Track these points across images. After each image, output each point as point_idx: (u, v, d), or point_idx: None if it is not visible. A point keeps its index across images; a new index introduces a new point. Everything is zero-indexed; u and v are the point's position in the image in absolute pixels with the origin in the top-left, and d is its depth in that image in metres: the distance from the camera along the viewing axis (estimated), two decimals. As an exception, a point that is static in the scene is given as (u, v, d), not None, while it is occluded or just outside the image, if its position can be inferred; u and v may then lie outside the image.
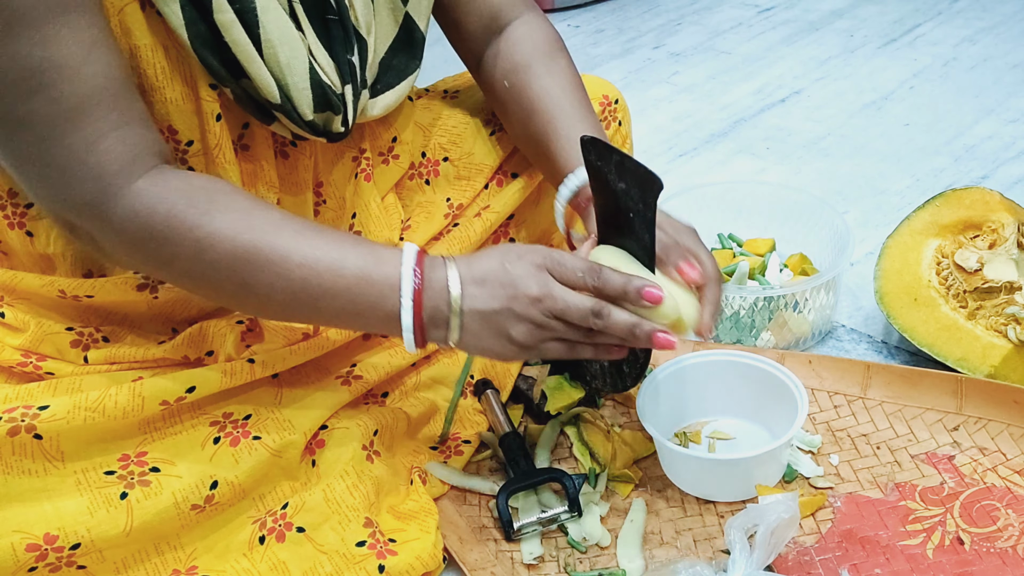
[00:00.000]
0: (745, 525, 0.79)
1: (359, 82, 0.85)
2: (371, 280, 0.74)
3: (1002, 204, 1.13)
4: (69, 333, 0.85)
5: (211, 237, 0.72)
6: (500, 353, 0.77)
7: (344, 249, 0.75)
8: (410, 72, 0.92)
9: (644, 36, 2.12)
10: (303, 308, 0.77)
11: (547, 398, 1.01)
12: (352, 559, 0.80)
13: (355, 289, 0.75)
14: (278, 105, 0.79)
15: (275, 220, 0.75)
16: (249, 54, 0.75)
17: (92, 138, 0.70)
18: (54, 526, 0.74)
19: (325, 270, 0.74)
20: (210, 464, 0.81)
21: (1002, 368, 1.00)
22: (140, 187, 0.72)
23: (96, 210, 0.72)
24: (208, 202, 0.73)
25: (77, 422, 0.77)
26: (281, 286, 0.74)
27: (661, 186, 0.78)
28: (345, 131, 0.84)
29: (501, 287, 0.74)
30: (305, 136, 0.83)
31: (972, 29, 1.97)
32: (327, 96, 0.80)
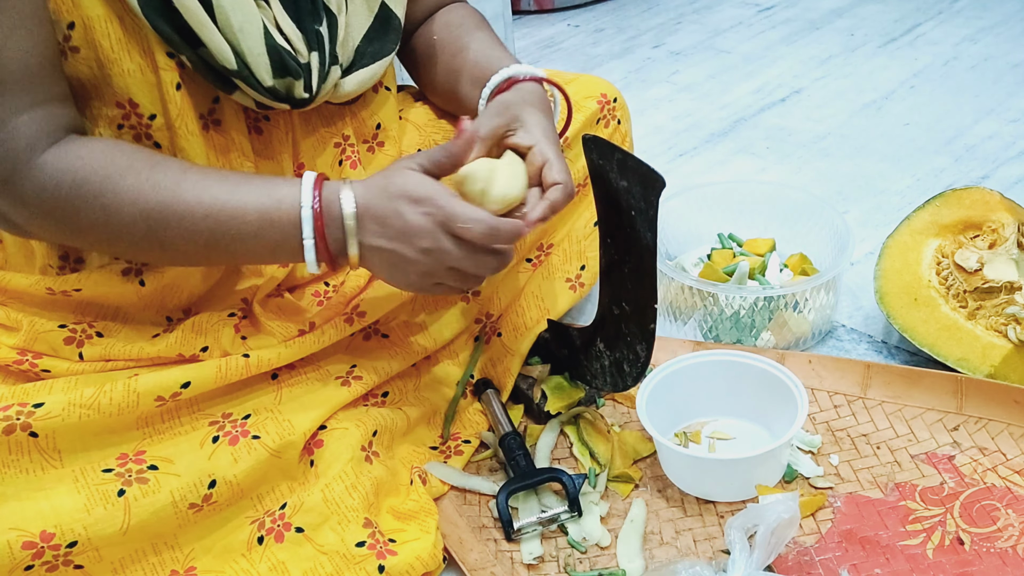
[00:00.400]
0: (745, 525, 0.79)
1: (328, 55, 0.85)
2: (273, 221, 0.78)
3: (1002, 204, 1.13)
4: (62, 331, 0.85)
5: (117, 202, 0.75)
6: (398, 285, 0.82)
7: (245, 193, 0.78)
8: (385, 54, 0.93)
9: (644, 35, 2.11)
10: (218, 255, 0.81)
11: (547, 398, 1.01)
12: (352, 559, 0.80)
13: (261, 232, 0.79)
14: (235, 71, 0.79)
15: (175, 174, 0.78)
16: (201, 19, 0.76)
17: (1, 117, 0.72)
18: (51, 524, 0.74)
19: (228, 218, 0.78)
20: (208, 463, 0.81)
21: (1002, 368, 1.00)
22: (46, 160, 0.74)
23: (4, 186, 0.74)
24: (109, 166, 0.75)
25: (72, 419, 0.77)
26: (193, 239, 0.78)
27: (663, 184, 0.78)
28: (309, 97, 0.85)
29: (396, 233, 0.78)
30: (268, 104, 0.84)
31: (973, 28, 1.97)
32: (284, 60, 0.81)
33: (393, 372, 0.96)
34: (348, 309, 0.93)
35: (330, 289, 0.97)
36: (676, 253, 1.23)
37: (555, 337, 1.04)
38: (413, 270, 0.80)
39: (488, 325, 1.06)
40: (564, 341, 1.03)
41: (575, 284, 1.08)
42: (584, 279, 1.09)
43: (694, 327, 1.12)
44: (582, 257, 1.09)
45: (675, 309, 1.13)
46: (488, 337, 1.06)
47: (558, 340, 1.04)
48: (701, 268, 1.16)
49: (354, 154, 0.96)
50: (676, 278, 1.08)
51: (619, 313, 0.92)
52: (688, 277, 1.08)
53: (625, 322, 0.91)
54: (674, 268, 1.12)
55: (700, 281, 1.08)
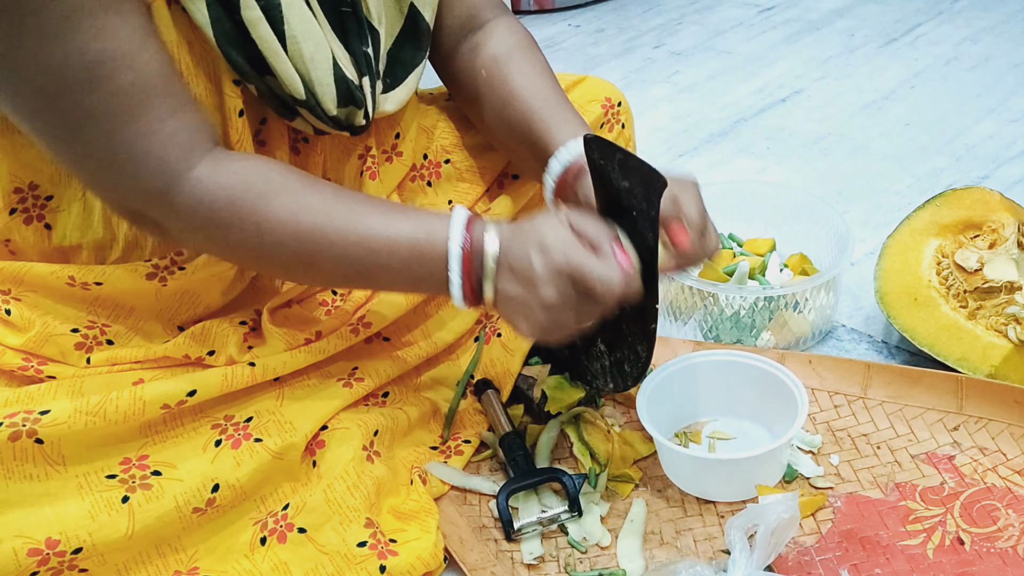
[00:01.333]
0: (745, 525, 0.79)
1: (374, 73, 0.85)
2: (423, 255, 0.77)
3: (1002, 204, 1.13)
4: (74, 335, 0.85)
5: (270, 221, 0.75)
6: (524, 334, 0.80)
7: (397, 224, 0.78)
8: (417, 63, 0.92)
9: (644, 35, 2.12)
10: (363, 280, 0.82)
11: (547, 398, 1.01)
12: (353, 559, 0.80)
13: (410, 263, 0.78)
14: (303, 101, 0.79)
15: (329, 198, 0.77)
16: (275, 50, 0.76)
17: (154, 126, 0.71)
18: (56, 530, 0.74)
19: (381, 248, 0.77)
20: (211, 467, 0.81)
21: (1002, 368, 1.00)
22: (201, 174, 0.73)
23: (162, 198, 0.73)
24: (264, 184, 0.75)
25: (78, 426, 0.77)
26: (342, 264, 0.78)
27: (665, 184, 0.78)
28: (367, 124, 0.85)
29: (524, 280, 0.76)
30: (326, 131, 0.84)
31: (973, 29, 1.97)
32: (350, 90, 0.81)
33: (394, 374, 0.96)
34: (354, 320, 0.94)
35: (337, 298, 0.97)
36: None
37: (555, 337, 1.04)
38: (538, 319, 0.77)
39: (488, 325, 1.06)
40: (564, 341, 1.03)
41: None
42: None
43: (694, 327, 1.12)
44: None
45: (675, 309, 1.13)
46: (488, 337, 1.06)
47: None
48: (701, 268, 1.16)
49: (374, 164, 0.96)
50: (676, 278, 1.08)
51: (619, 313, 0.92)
52: (688, 277, 1.09)
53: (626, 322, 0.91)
54: None
55: (700, 281, 1.08)
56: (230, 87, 0.78)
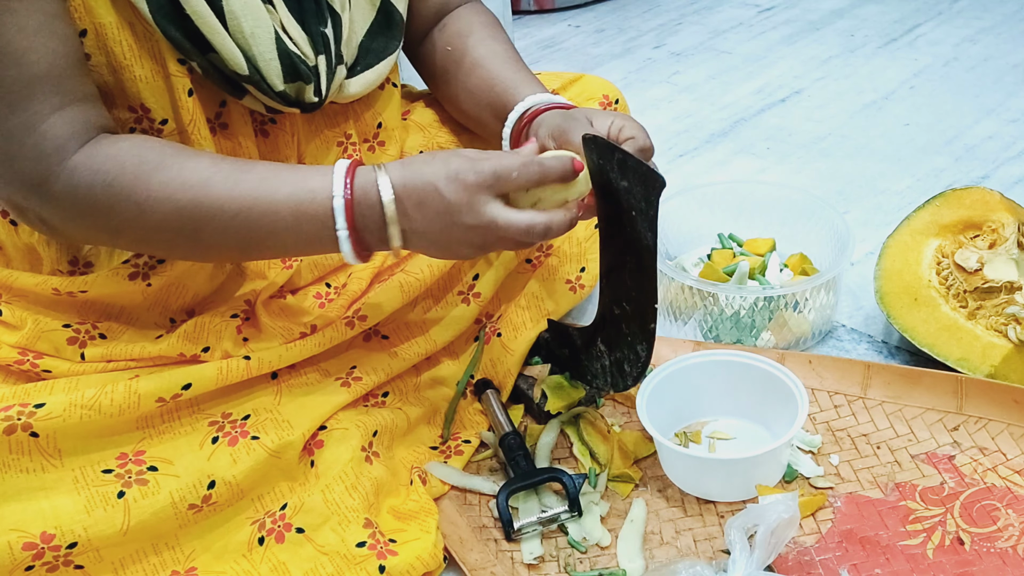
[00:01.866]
0: (745, 525, 0.79)
1: (334, 56, 0.85)
2: (307, 214, 0.76)
3: (1002, 204, 1.13)
4: (66, 330, 0.85)
5: (149, 201, 0.74)
6: (448, 259, 0.80)
7: (276, 187, 0.76)
8: (389, 52, 0.92)
9: (644, 36, 2.11)
10: (254, 249, 0.79)
11: (547, 398, 1.01)
12: (353, 560, 0.80)
13: (296, 226, 0.76)
14: (246, 77, 0.79)
15: (206, 169, 0.76)
16: (212, 25, 0.76)
17: (32, 121, 0.71)
18: (51, 525, 0.74)
19: (261, 214, 0.75)
20: (208, 463, 0.81)
21: (1002, 368, 1.00)
22: (77, 161, 0.73)
23: (38, 190, 0.73)
24: (139, 163, 0.74)
25: (73, 420, 0.77)
26: (227, 236, 0.76)
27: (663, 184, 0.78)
28: (319, 101, 0.85)
29: (437, 215, 0.75)
30: (279, 108, 0.84)
31: (973, 29, 1.97)
32: (295, 65, 0.81)
33: (393, 373, 0.96)
34: (349, 313, 0.93)
35: (331, 291, 0.97)
36: (676, 253, 1.23)
37: (555, 337, 1.04)
38: (463, 246, 0.77)
39: (488, 325, 1.06)
40: (564, 341, 1.03)
41: (575, 286, 1.08)
42: (584, 281, 1.09)
43: (694, 327, 1.12)
44: (582, 259, 1.09)
45: (675, 309, 1.13)
46: (488, 337, 1.06)
47: (558, 340, 1.04)
48: (701, 268, 1.16)
49: (356, 153, 0.96)
50: (676, 278, 1.08)
51: (619, 313, 0.92)
52: (688, 277, 1.09)
53: (626, 322, 0.91)
54: (674, 268, 1.12)
55: (700, 281, 1.08)
56: (175, 66, 0.78)
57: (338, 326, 0.92)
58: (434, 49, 1.01)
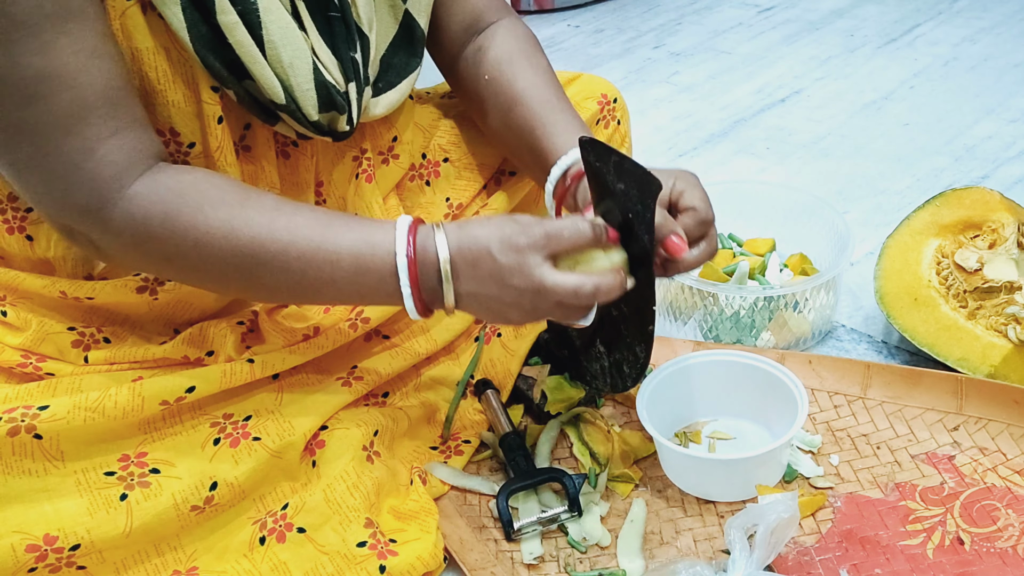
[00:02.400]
0: (745, 525, 0.79)
1: (362, 79, 0.85)
2: (367, 269, 0.75)
3: (1002, 204, 1.13)
4: (71, 333, 0.85)
5: (208, 236, 0.73)
6: (500, 324, 0.79)
7: (338, 236, 0.75)
8: (411, 70, 0.92)
9: (644, 36, 2.12)
10: (309, 295, 0.79)
11: (547, 398, 1.01)
12: (353, 560, 0.81)
13: (355, 277, 0.76)
14: (283, 106, 0.79)
15: (268, 210, 0.75)
16: (253, 55, 0.75)
17: (89, 145, 0.70)
18: (54, 527, 0.74)
19: (323, 262, 0.75)
20: (210, 465, 0.81)
21: (1002, 368, 1.00)
22: (136, 191, 0.72)
23: (94, 215, 0.72)
24: (200, 197, 0.74)
25: (77, 422, 0.77)
26: (283, 279, 0.76)
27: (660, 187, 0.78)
28: (350, 130, 0.84)
29: (490, 276, 0.75)
30: (310, 136, 0.83)
31: (972, 29, 1.97)
32: (331, 96, 0.80)
33: (394, 373, 0.96)
34: (352, 315, 0.94)
35: None
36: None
37: (555, 337, 1.04)
38: (514, 309, 0.76)
39: (488, 326, 1.06)
40: (564, 341, 1.03)
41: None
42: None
43: (694, 327, 1.12)
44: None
45: (675, 309, 1.13)
46: (488, 337, 1.06)
47: (558, 340, 1.04)
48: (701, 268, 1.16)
49: (370, 167, 0.96)
50: (676, 278, 1.08)
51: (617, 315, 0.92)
52: (688, 277, 1.09)
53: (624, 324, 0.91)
54: None
55: (700, 281, 1.08)
56: (208, 93, 0.78)
57: (341, 328, 0.92)
58: (472, 75, 0.97)
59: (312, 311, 0.95)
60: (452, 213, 1.03)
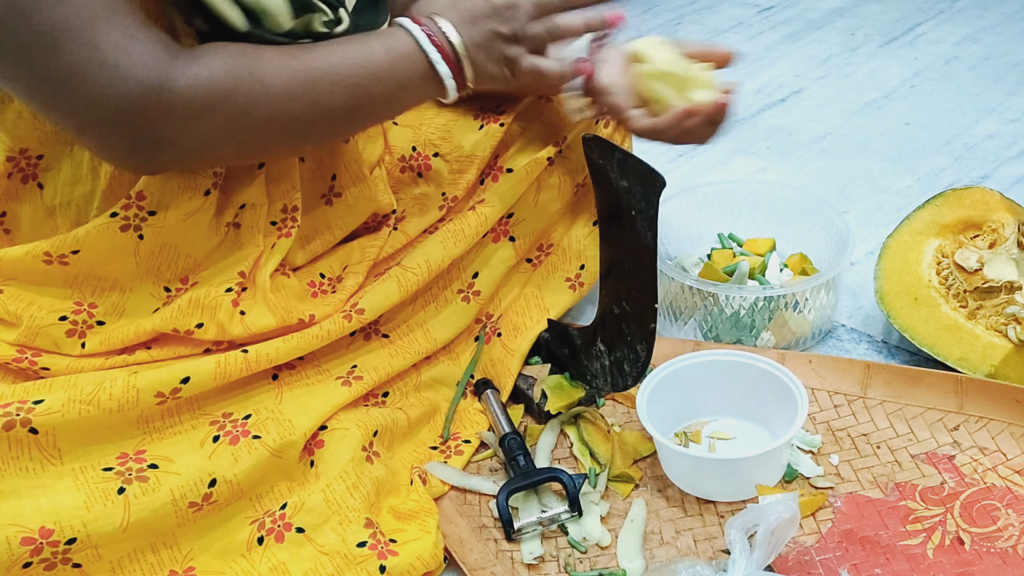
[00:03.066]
0: (745, 525, 0.79)
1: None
2: (400, 53, 0.84)
3: (1002, 204, 1.13)
4: (63, 323, 0.84)
5: (268, 75, 0.78)
6: (501, 77, 0.87)
7: (365, 45, 0.84)
8: (377, 27, 0.90)
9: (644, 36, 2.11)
10: (364, 103, 0.85)
11: (547, 398, 1.01)
12: (353, 560, 0.80)
13: (394, 66, 0.84)
14: (248, 32, 0.79)
15: (303, 46, 0.81)
16: None
17: (131, 31, 0.73)
18: (50, 520, 0.74)
19: (365, 64, 0.83)
20: (209, 462, 0.81)
21: (1002, 368, 1.00)
22: (189, 59, 0.75)
23: (159, 92, 0.73)
24: (246, 51, 0.78)
25: (72, 415, 0.77)
26: (339, 91, 0.81)
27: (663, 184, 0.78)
28: (331, 31, 0.84)
29: (488, 18, 0.84)
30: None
31: (973, 28, 1.97)
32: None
33: (394, 372, 0.96)
34: (347, 307, 0.93)
35: (325, 282, 0.97)
36: (676, 253, 1.23)
37: (555, 337, 1.04)
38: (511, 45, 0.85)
39: (488, 325, 1.06)
40: (564, 341, 1.03)
41: (575, 284, 1.08)
42: (584, 279, 1.09)
43: (694, 327, 1.12)
44: (581, 256, 1.09)
45: (675, 309, 1.13)
46: (488, 337, 1.06)
47: (558, 340, 1.04)
48: (701, 268, 1.16)
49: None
50: (676, 278, 1.08)
51: (619, 313, 0.92)
52: (688, 277, 1.08)
53: (625, 322, 0.91)
54: (674, 268, 1.12)
55: (700, 281, 1.08)
56: (182, 27, 0.79)
57: (335, 319, 0.92)
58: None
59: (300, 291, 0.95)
60: (447, 206, 1.03)
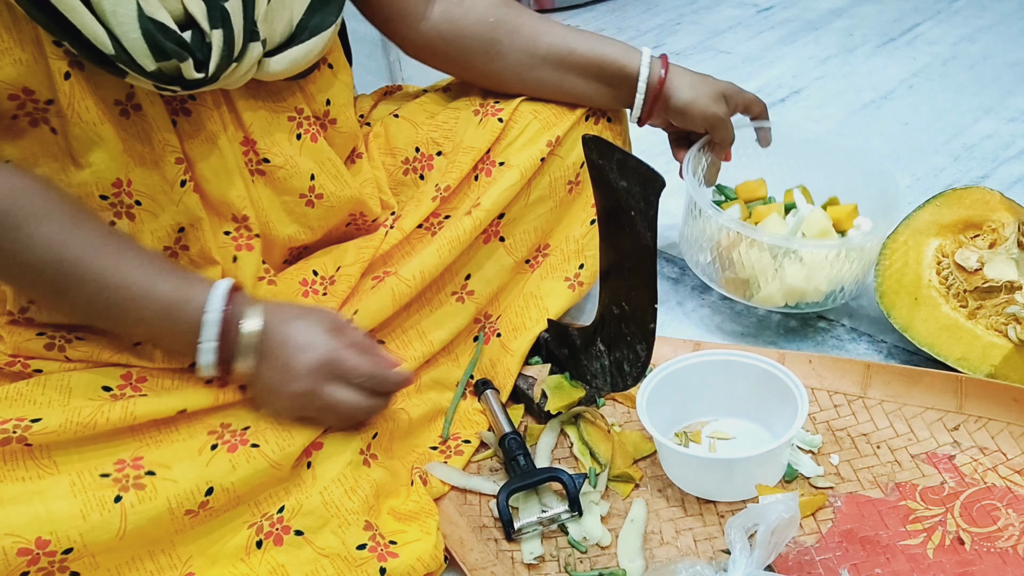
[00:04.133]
0: (745, 525, 0.79)
1: (244, 31, 0.81)
2: (176, 319, 0.80)
3: (1002, 203, 1.13)
4: (40, 338, 0.85)
5: (31, 242, 0.75)
6: (269, 409, 0.85)
7: (157, 281, 0.80)
8: (324, 28, 0.89)
9: (644, 36, 2.11)
10: (115, 325, 0.83)
11: (547, 398, 1.01)
12: (353, 562, 0.80)
13: (162, 323, 0.80)
14: (115, 56, 0.76)
15: (97, 238, 0.78)
16: (70, 4, 0.73)
17: None
18: (47, 530, 0.73)
19: (135, 299, 0.79)
20: (206, 469, 0.80)
21: (1002, 367, 1.00)
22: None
23: None
24: (30, 206, 0.76)
25: (68, 435, 0.77)
26: (96, 304, 0.79)
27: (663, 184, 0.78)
28: (205, 77, 0.80)
29: (279, 369, 0.82)
30: (162, 88, 0.80)
31: (971, 28, 1.97)
32: (159, 43, 0.76)
33: None
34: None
35: (318, 280, 0.97)
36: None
37: (555, 337, 1.04)
38: (284, 406, 0.84)
39: (487, 325, 1.06)
40: (564, 341, 1.03)
41: (574, 283, 1.08)
42: (583, 278, 1.09)
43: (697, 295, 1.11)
44: (580, 256, 1.09)
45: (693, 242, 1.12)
46: (487, 337, 1.06)
47: (558, 340, 1.04)
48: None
49: (312, 127, 0.95)
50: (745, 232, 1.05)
51: (619, 313, 0.92)
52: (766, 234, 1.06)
53: (625, 322, 0.91)
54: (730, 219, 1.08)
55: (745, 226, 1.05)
56: (51, 48, 0.77)
57: None
58: (452, 30, 1.00)
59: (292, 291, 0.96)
60: (440, 195, 1.03)
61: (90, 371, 0.84)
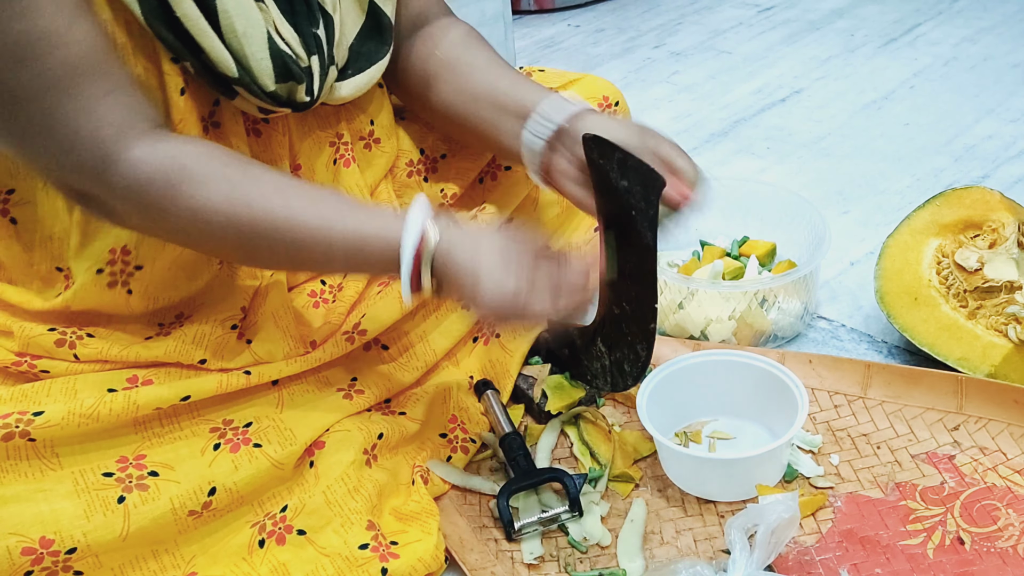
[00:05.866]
0: (745, 525, 0.79)
1: (327, 56, 0.85)
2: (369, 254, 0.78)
3: (1002, 204, 1.13)
4: (51, 334, 0.84)
5: (205, 208, 0.74)
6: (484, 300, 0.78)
7: (348, 214, 0.78)
8: (380, 57, 0.92)
9: (644, 36, 2.12)
10: (305, 267, 0.88)
11: (547, 398, 1.01)
12: (355, 562, 0.80)
13: (351, 260, 0.79)
14: (236, 79, 0.78)
15: (268, 190, 0.76)
16: (201, 27, 0.75)
17: (85, 105, 0.71)
18: (50, 529, 0.73)
19: (320, 241, 0.77)
20: (209, 470, 0.80)
21: (1002, 367, 1.00)
22: (137, 155, 0.73)
23: (98, 177, 0.73)
24: (201, 169, 0.75)
25: (71, 428, 0.77)
26: (281, 253, 0.78)
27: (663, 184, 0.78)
28: (311, 101, 0.84)
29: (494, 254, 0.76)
30: (272, 110, 0.83)
31: (972, 29, 1.97)
32: (287, 65, 0.80)
33: (395, 389, 0.96)
34: (349, 328, 0.93)
35: (327, 289, 0.97)
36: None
37: (555, 337, 1.04)
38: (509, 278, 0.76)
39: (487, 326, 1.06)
40: (564, 341, 1.03)
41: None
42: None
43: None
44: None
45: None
46: (487, 338, 1.06)
47: (558, 340, 1.04)
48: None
49: (348, 152, 0.95)
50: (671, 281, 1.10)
51: (619, 313, 0.92)
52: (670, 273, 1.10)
53: (625, 322, 0.91)
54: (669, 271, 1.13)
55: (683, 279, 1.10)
56: (169, 65, 0.78)
57: (338, 341, 0.92)
58: (421, 57, 0.98)
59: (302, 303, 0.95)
60: (446, 203, 1.03)
61: (96, 374, 0.84)
